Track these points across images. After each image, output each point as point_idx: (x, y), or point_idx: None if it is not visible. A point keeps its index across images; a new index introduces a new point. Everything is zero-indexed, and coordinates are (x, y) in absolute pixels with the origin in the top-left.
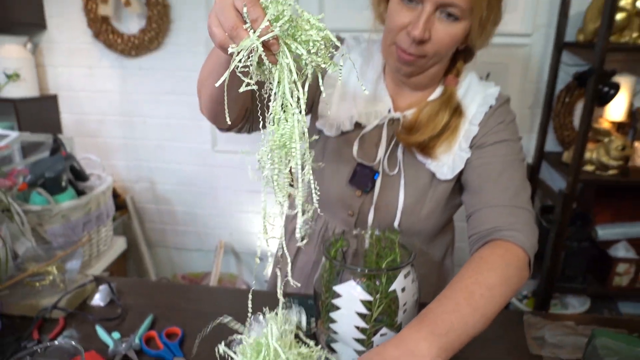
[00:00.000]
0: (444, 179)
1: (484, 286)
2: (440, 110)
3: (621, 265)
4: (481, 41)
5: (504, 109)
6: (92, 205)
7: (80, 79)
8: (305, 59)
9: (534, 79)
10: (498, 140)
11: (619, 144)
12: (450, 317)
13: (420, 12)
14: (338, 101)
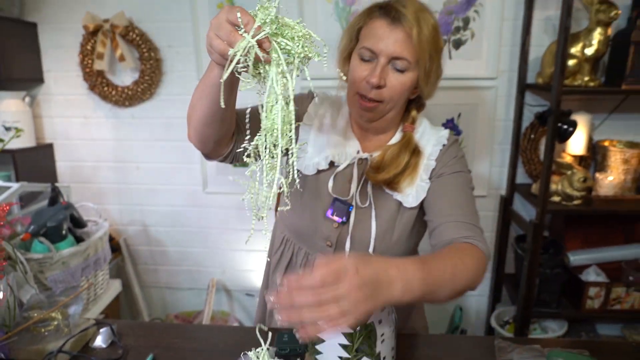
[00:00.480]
0: (409, 207)
1: (463, 264)
2: (401, 152)
3: (592, 288)
4: (428, 90)
5: (455, 147)
6: (91, 251)
7: (75, 128)
8: (293, 50)
9: (501, 118)
10: (454, 171)
11: (580, 176)
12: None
13: (376, 65)
14: (313, 145)
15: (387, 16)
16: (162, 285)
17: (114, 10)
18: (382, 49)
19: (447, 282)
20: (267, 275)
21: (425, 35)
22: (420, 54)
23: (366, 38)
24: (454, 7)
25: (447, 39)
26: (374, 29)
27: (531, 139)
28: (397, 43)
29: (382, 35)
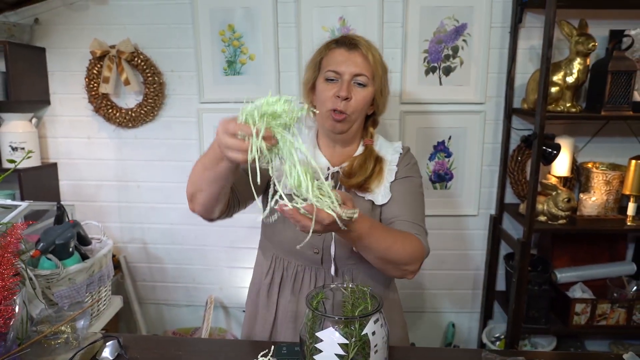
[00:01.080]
0: (380, 204)
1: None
2: (366, 160)
3: (578, 305)
4: (382, 103)
5: (408, 155)
6: (95, 267)
7: (79, 147)
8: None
9: (490, 140)
10: (405, 176)
11: (565, 196)
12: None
13: (341, 82)
14: None
15: (344, 45)
16: (160, 301)
17: (120, 36)
18: (344, 70)
19: (381, 246)
20: (256, 294)
21: (377, 57)
22: (375, 71)
23: (329, 64)
24: (444, 36)
25: (437, 66)
26: (335, 56)
27: (518, 160)
28: (357, 63)
29: (343, 59)
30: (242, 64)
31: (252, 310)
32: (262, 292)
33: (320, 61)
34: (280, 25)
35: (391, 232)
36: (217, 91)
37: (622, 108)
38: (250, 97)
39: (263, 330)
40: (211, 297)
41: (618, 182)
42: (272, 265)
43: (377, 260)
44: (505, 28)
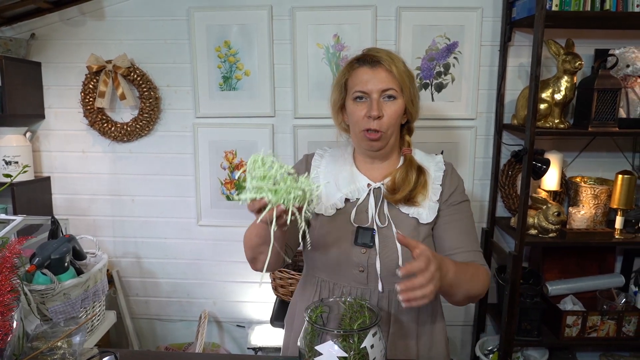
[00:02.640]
0: (424, 222)
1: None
2: (408, 172)
3: (570, 317)
4: (415, 111)
5: (455, 174)
6: (90, 282)
7: (73, 161)
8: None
9: (481, 155)
10: (461, 200)
11: (554, 210)
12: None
13: (371, 102)
14: (325, 191)
15: (366, 63)
16: (153, 316)
17: (116, 52)
18: (372, 88)
19: (466, 283)
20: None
21: (401, 68)
22: (402, 83)
23: (355, 85)
24: (436, 54)
25: (429, 82)
26: (360, 76)
27: (509, 175)
28: (382, 79)
29: (368, 78)
30: (238, 80)
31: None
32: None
33: (345, 82)
34: (276, 42)
35: (469, 272)
36: (213, 106)
37: (608, 124)
38: (245, 112)
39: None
40: (205, 312)
41: (606, 196)
42: (318, 290)
43: (459, 299)
44: (495, 46)
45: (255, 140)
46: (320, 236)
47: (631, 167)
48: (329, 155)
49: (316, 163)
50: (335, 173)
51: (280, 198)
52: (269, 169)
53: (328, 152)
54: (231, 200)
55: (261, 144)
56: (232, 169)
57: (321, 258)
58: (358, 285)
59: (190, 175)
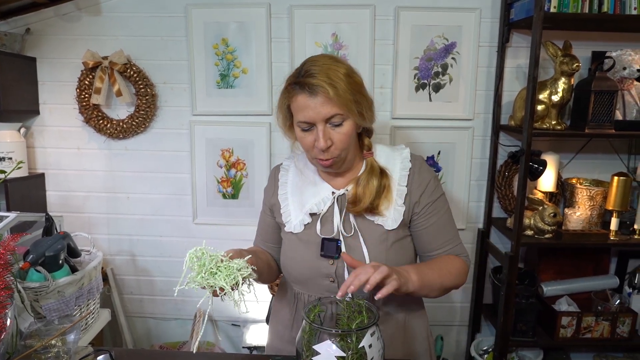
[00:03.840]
0: (390, 229)
1: (449, 268)
2: (369, 179)
3: (564, 318)
4: (368, 121)
5: (424, 169)
6: (85, 280)
7: (68, 158)
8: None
9: (478, 156)
10: (434, 199)
11: (551, 211)
12: (428, 273)
13: (317, 131)
14: (293, 207)
15: (304, 90)
16: (147, 315)
17: (112, 48)
18: (314, 117)
19: (437, 279)
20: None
21: (342, 87)
22: (345, 104)
23: (297, 112)
24: (434, 54)
25: (427, 83)
26: (299, 104)
27: (506, 176)
28: (323, 107)
29: (308, 106)
30: (235, 78)
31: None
32: (295, 329)
33: (288, 107)
34: (274, 40)
35: (437, 268)
36: (210, 104)
37: (604, 126)
38: (242, 110)
39: None
40: (200, 311)
41: (601, 198)
42: (295, 301)
43: (435, 294)
44: (492, 47)
45: (252, 139)
46: (289, 251)
47: (626, 169)
48: (294, 167)
49: (283, 179)
50: (300, 187)
51: (218, 283)
52: (204, 261)
53: (293, 161)
54: (226, 199)
55: (258, 142)
56: (228, 167)
57: (293, 272)
58: (330, 294)
59: (187, 173)
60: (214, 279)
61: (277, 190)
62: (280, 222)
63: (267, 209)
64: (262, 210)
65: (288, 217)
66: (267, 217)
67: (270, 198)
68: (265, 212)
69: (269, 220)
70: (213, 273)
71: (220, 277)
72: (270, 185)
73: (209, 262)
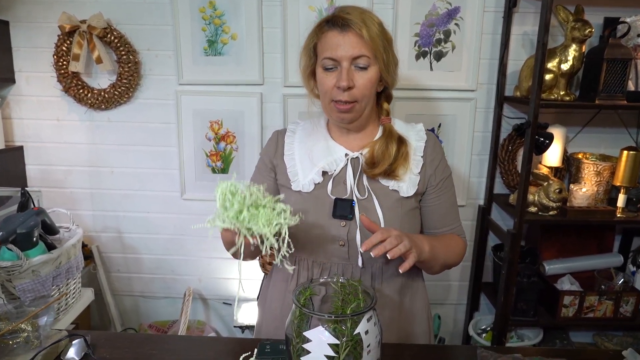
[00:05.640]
0: (406, 196)
1: (453, 247)
2: (388, 144)
3: (567, 297)
4: (391, 78)
5: (437, 144)
6: (63, 259)
7: (47, 130)
8: None
9: (480, 129)
10: (446, 176)
11: (556, 187)
12: (437, 247)
13: (341, 70)
14: (301, 167)
15: (336, 26)
16: (136, 293)
17: (91, 11)
18: (341, 55)
19: (443, 255)
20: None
21: (374, 31)
22: (375, 49)
23: (324, 50)
24: (436, 19)
25: (428, 51)
26: (328, 40)
27: (509, 150)
28: (353, 45)
29: (337, 43)
30: (224, 44)
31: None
32: (287, 299)
33: (314, 47)
34: (265, 3)
35: (444, 244)
36: (197, 72)
37: (616, 97)
38: (232, 79)
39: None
40: (189, 289)
41: (609, 173)
42: (297, 267)
43: (436, 270)
44: (498, 13)
45: (242, 110)
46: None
47: (635, 143)
48: (301, 129)
49: (289, 140)
50: (310, 147)
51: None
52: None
53: (300, 125)
54: (215, 173)
55: (249, 114)
56: (217, 140)
57: (299, 235)
58: (339, 261)
59: (173, 146)
60: (254, 221)
61: (282, 150)
62: (283, 183)
63: (266, 170)
64: (258, 172)
65: (295, 176)
66: (263, 177)
67: (272, 158)
68: (263, 173)
69: (266, 180)
70: (254, 215)
71: (261, 220)
72: (271, 146)
73: (248, 199)
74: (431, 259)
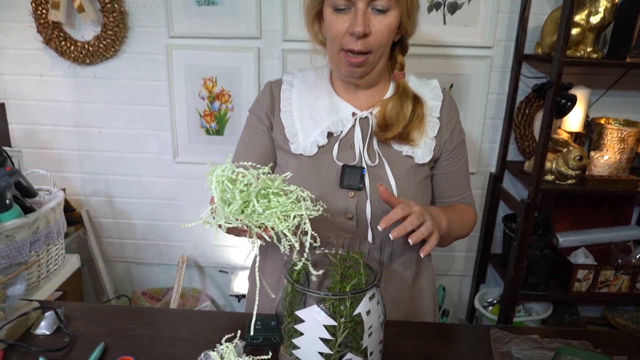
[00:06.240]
0: (421, 162)
1: (466, 219)
2: (403, 102)
3: (581, 271)
4: (411, 26)
5: (453, 104)
6: (41, 223)
7: (30, 86)
8: None
9: (495, 91)
10: (460, 140)
11: (577, 154)
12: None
13: (355, 13)
14: (302, 127)
15: None
16: (129, 259)
17: None
18: None
19: (457, 229)
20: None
21: None
22: None
23: None
24: None
25: (441, 2)
26: None
27: (525, 114)
28: None
29: None
30: None
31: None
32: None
33: None
34: None
35: (459, 217)
36: (189, 24)
37: None
38: (226, 32)
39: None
40: (183, 257)
41: (633, 140)
42: None
43: (446, 244)
44: None
45: (238, 66)
46: (297, 180)
47: None
48: (299, 81)
49: (286, 94)
50: (311, 103)
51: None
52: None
53: (297, 77)
54: (210, 135)
55: (245, 70)
56: (211, 98)
57: None
58: (345, 234)
59: (165, 105)
60: (266, 217)
61: (278, 105)
62: (280, 145)
63: (261, 127)
64: (250, 128)
65: (295, 137)
66: (258, 136)
67: (268, 113)
68: (256, 129)
69: (262, 140)
70: (266, 208)
71: (275, 215)
72: (265, 99)
73: (255, 186)
74: (446, 235)
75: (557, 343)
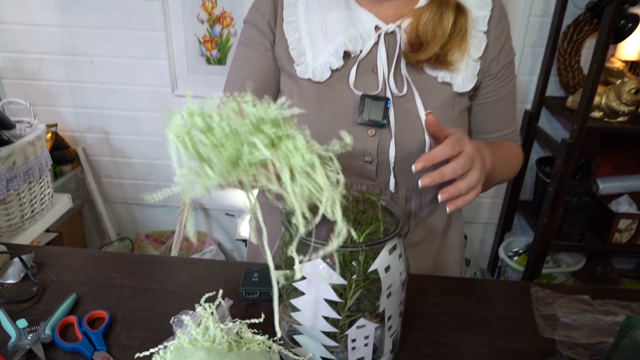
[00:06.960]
0: (462, 91)
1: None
2: (442, 12)
3: (623, 221)
4: None
5: (503, 13)
6: (17, 158)
7: (10, 9)
8: None
9: (538, 12)
10: (509, 61)
11: (632, 86)
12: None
13: None
14: (311, 43)
15: None
16: (130, 200)
17: None
18: None
19: (502, 171)
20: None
21: None
22: None
23: None
24: None
25: None
26: None
27: (573, 40)
28: None
29: None
30: None
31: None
32: None
33: None
34: None
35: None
36: None
37: None
38: None
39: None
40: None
41: None
42: None
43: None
44: None
45: None
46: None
47: None
48: None
49: (290, 1)
50: (323, 13)
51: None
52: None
53: None
54: (211, 64)
55: None
56: (212, 22)
57: None
58: (362, 181)
59: (160, 30)
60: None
61: (281, 13)
62: (283, 66)
63: (259, 39)
64: (246, 42)
65: (301, 56)
66: (259, 53)
67: (270, 23)
68: (255, 43)
69: (263, 59)
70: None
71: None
72: (267, 3)
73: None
74: (490, 177)
75: (613, 306)
